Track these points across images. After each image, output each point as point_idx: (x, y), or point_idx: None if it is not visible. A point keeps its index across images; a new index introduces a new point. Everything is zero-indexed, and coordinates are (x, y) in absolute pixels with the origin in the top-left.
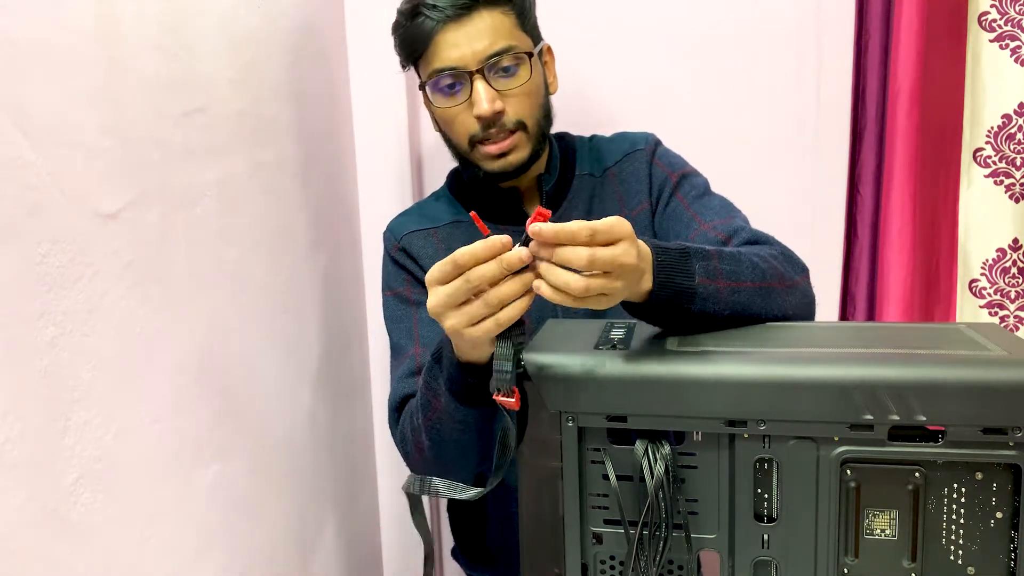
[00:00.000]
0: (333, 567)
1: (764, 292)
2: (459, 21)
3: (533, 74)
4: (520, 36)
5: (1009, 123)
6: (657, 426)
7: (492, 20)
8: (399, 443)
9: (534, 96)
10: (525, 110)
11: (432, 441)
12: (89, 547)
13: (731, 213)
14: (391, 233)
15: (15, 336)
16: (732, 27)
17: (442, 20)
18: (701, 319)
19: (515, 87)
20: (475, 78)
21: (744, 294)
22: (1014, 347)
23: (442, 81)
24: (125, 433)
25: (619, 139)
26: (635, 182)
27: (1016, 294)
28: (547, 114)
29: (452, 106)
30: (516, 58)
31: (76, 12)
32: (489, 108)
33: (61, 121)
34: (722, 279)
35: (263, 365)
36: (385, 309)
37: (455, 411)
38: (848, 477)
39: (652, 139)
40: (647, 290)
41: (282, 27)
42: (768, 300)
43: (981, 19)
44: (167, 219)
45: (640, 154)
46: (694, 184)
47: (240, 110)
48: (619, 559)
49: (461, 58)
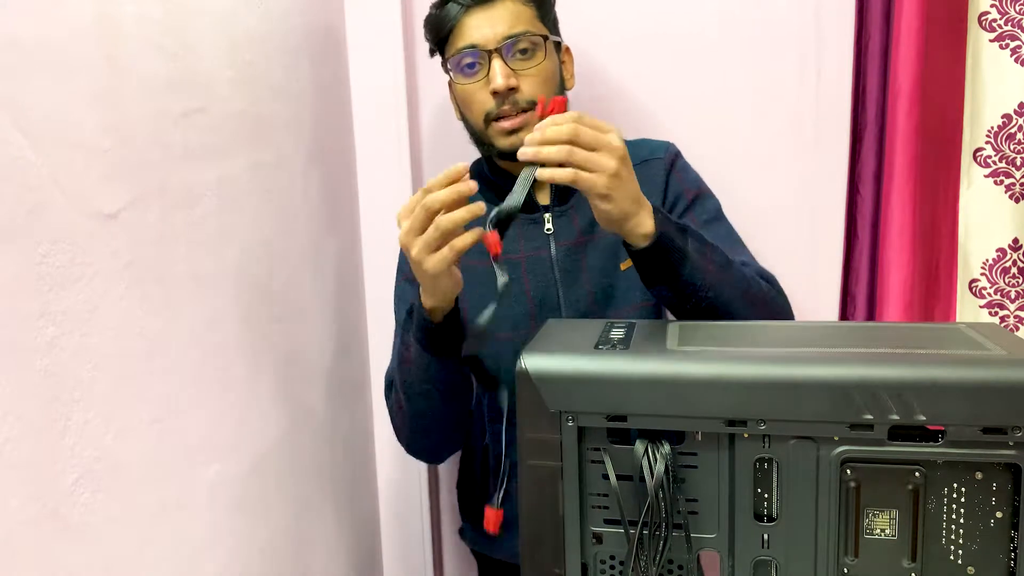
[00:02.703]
0: (333, 567)
1: (747, 301)
2: (483, 6)
3: (548, 59)
4: (539, 25)
5: (1009, 123)
6: (657, 426)
7: (514, 8)
8: (389, 408)
9: (549, 81)
10: (539, 91)
11: (407, 395)
12: (89, 547)
13: (736, 246)
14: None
15: (15, 336)
16: (732, 27)
17: (468, 5)
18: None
19: (530, 67)
20: (493, 57)
21: (727, 288)
22: (1014, 347)
23: (463, 60)
24: (125, 433)
25: (640, 144)
26: (650, 187)
27: (1016, 294)
28: None
29: (471, 83)
30: (532, 41)
31: (76, 12)
32: (504, 83)
33: (61, 121)
34: (711, 263)
35: (263, 365)
36: (395, 291)
37: (420, 358)
38: (848, 477)
39: (673, 149)
40: (646, 232)
41: (282, 27)
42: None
43: (981, 19)
44: (167, 219)
45: (659, 163)
46: (707, 208)
47: (240, 110)
48: (619, 559)
49: (482, 37)
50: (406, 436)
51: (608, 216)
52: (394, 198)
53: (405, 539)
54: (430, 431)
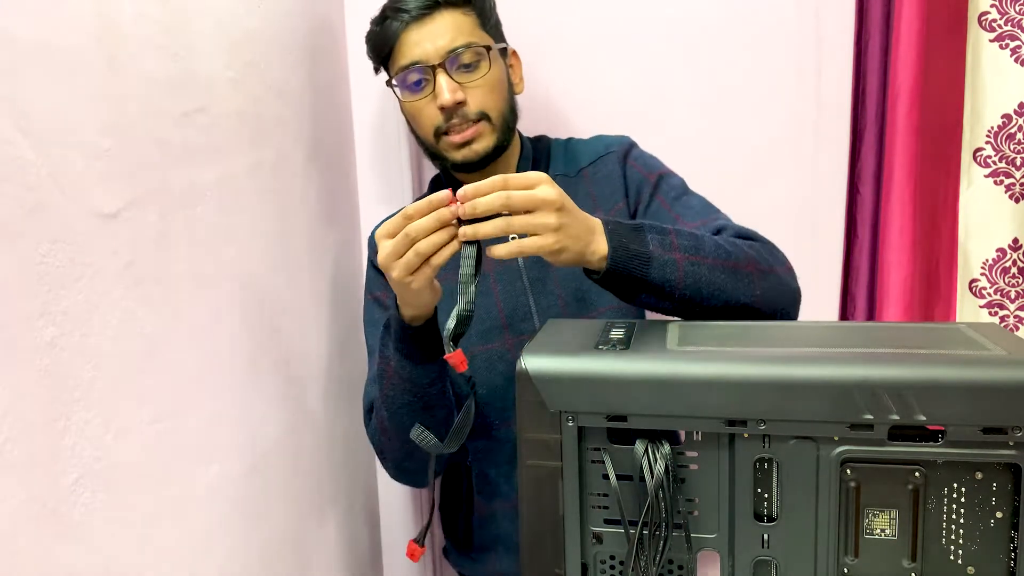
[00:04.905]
0: (333, 567)
1: (730, 271)
2: (422, 21)
3: (493, 68)
4: (481, 35)
5: (1009, 123)
6: (657, 426)
7: (453, 19)
8: (370, 436)
9: (496, 90)
10: (487, 102)
11: (389, 412)
12: (89, 547)
13: (712, 213)
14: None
15: (15, 336)
16: (732, 27)
17: (407, 21)
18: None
19: (476, 79)
20: (438, 72)
21: (705, 268)
22: (1014, 347)
23: (408, 77)
24: (125, 433)
25: (595, 141)
26: (608, 183)
27: (1016, 294)
28: (512, 109)
29: (417, 99)
30: (476, 53)
31: (76, 12)
32: (451, 98)
33: (61, 121)
34: (679, 252)
35: (263, 365)
36: (364, 312)
37: (401, 369)
38: (848, 477)
39: (627, 141)
40: (602, 255)
41: (282, 27)
42: (735, 280)
43: (981, 19)
44: (167, 219)
45: (613, 156)
46: (672, 185)
47: (240, 110)
48: (619, 559)
49: (424, 53)
50: (392, 457)
51: (565, 262)
52: (394, 198)
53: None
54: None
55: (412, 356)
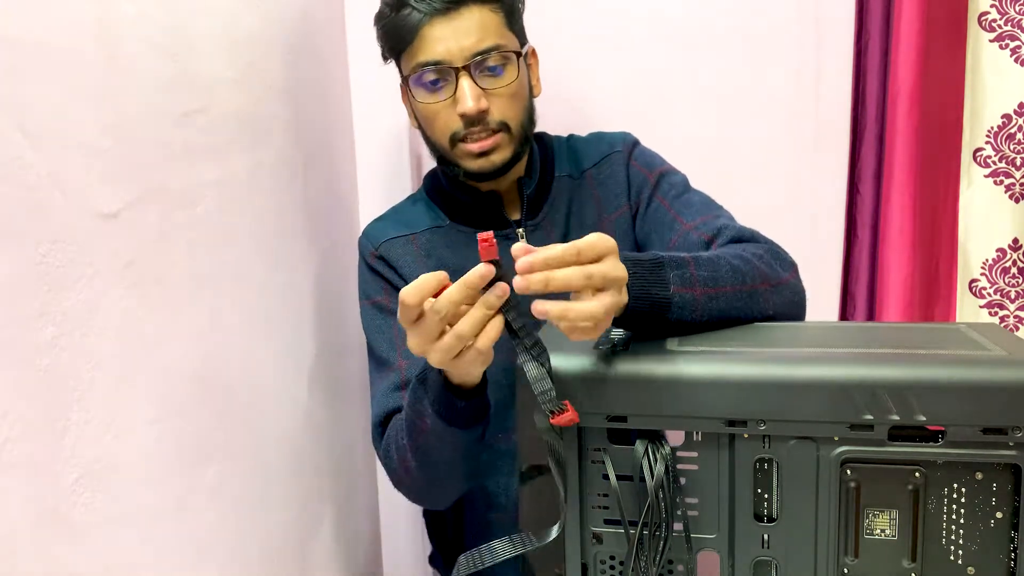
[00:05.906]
0: (333, 567)
1: (746, 295)
2: (447, 15)
3: (519, 75)
4: (508, 35)
5: (1009, 123)
6: (657, 426)
7: (481, 17)
8: (383, 458)
9: (519, 98)
10: (509, 111)
11: (419, 462)
12: (89, 547)
13: (713, 211)
14: (368, 239)
15: (15, 336)
16: (732, 27)
17: (430, 13)
18: (681, 325)
19: (501, 87)
20: (461, 75)
21: (723, 299)
22: (1014, 347)
23: (426, 76)
24: (125, 433)
25: (596, 140)
26: (613, 185)
27: (1016, 294)
28: (531, 116)
29: (435, 102)
30: (503, 57)
31: (76, 12)
32: (475, 106)
33: (61, 121)
34: (699, 286)
35: (263, 365)
36: (364, 317)
37: (443, 432)
38: (848, 477)
39: (630, 139)
40: (624, 303)
41: (282, 27)
42: (751, 302)
43: (981, 19)
44: (167, 219)
45: (618, 156)
46: (673, 183)
47: (240, 110)
48: (619, 559)
49: (448, 52)
50: (415, 494)
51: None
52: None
53: (405, 539)
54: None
55: (457, 422)
